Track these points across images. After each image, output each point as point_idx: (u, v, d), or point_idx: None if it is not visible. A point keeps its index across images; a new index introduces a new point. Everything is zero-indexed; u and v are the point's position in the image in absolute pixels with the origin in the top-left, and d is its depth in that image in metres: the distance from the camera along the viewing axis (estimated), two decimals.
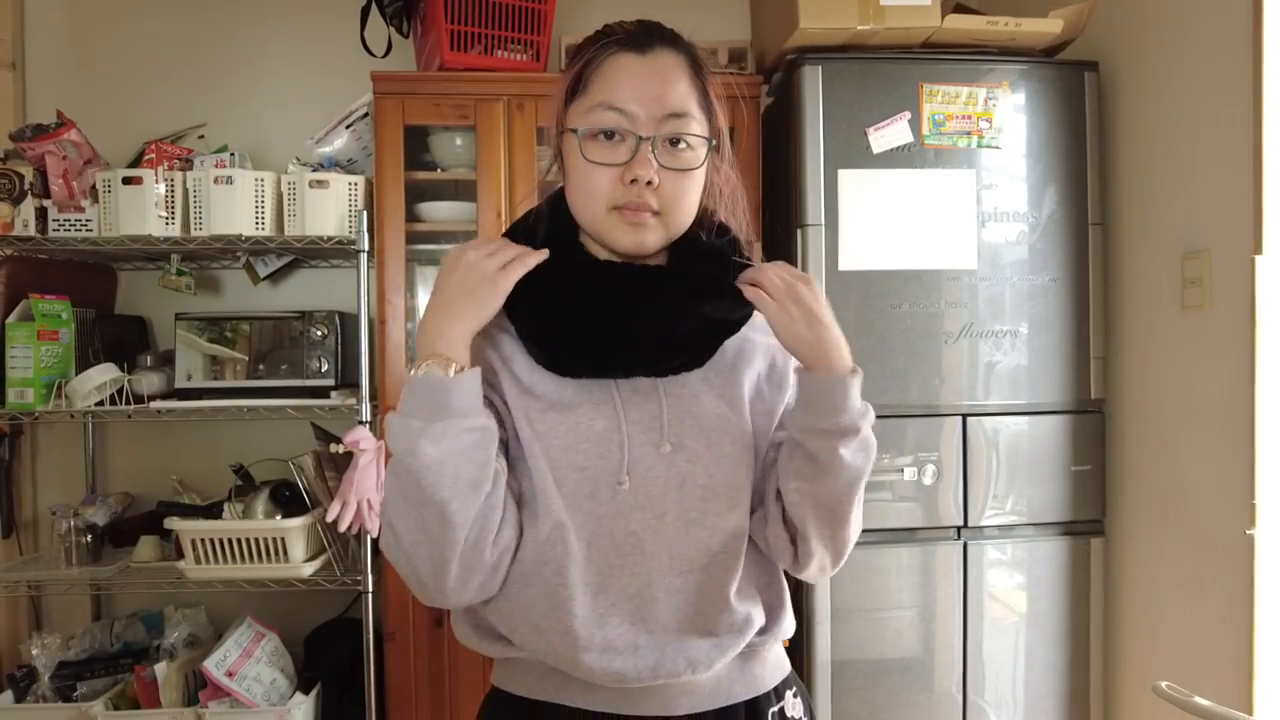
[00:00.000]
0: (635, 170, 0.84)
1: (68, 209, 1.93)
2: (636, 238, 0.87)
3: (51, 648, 1.95)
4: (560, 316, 0.86)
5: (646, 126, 0.84)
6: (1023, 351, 1.87)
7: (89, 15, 2.34)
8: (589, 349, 0.86)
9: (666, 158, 0.85)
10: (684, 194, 0.87)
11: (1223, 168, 1.62)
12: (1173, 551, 1.76)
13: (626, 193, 0.85)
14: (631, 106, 0.84)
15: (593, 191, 0.86)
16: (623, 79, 0.85)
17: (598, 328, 0.85)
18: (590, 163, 0.85)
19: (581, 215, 0.89)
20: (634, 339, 0.86)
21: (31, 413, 1.93)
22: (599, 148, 0.85)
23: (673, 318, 0.86)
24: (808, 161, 1.81)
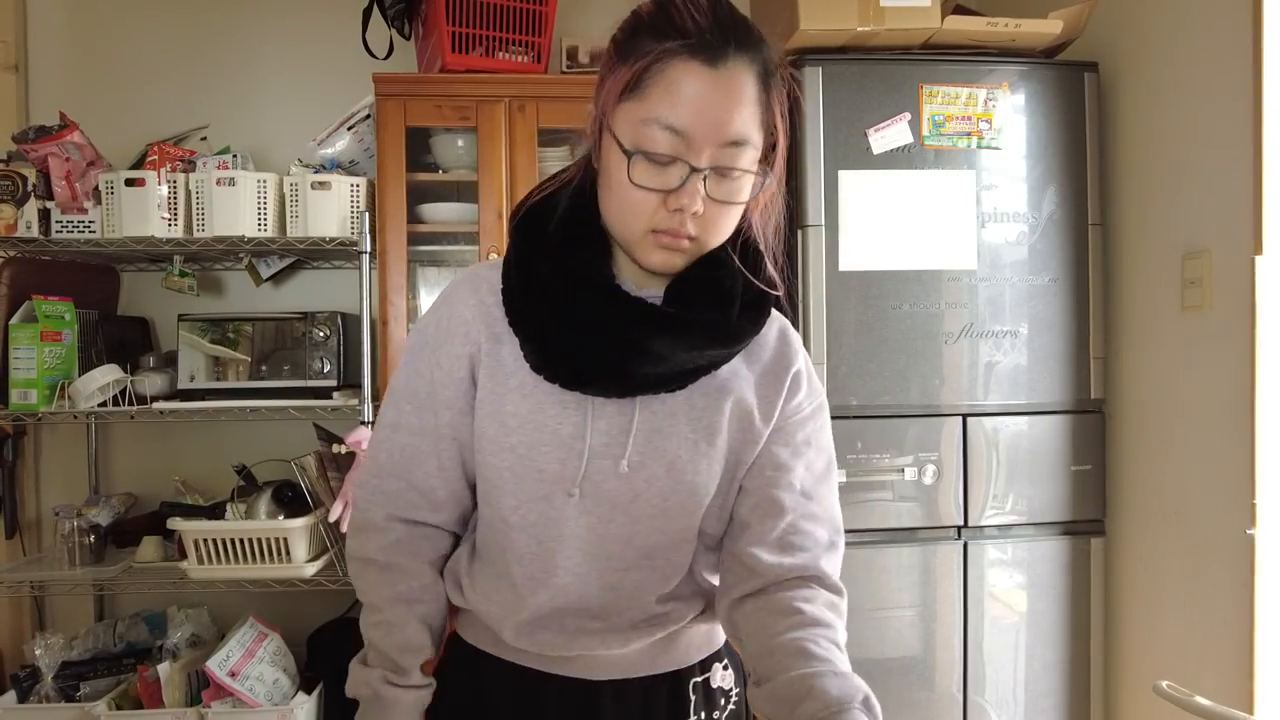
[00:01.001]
0: (681, 201, 0.78)
1: (71, 210, 1.94)
2: (669, 261, 0.83)
3: (54, 648, 1.95)
4: (557, 333, 0.84)
5: (702, 154, 0.77)
6: (1023, 352, 1.87)
7: (91, 17, 2.35)
8: (578, 368, 0.84)
9: (715, 188, 0.79)
10: (724, 223, 0.83)
11: (1222, 168, 1.62)
12: (1173, 551, 1.76)
13: (668, 219, 0.80)
14: (692, 131, 0.76)
15: (633, 212, 0.81)
16: (687, 97, 0.76)
17: (594, 355, 0.83)
18: (635, 185, 0.79)
19: (615, 227, 0.84)
20: (626, 371, 0.83)
21: (35, 413, 1.93)
22: (647, 170, 0.78)
23: (671, 364, 0.84)
24: (808, 162, 1.81)
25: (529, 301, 0.85)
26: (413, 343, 0.93)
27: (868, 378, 1.81)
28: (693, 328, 0.84)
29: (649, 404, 0.86)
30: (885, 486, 1.85)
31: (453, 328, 0.88)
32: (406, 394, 0.91)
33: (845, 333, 1.82)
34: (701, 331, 0.84)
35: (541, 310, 0.84)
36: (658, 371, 0.84)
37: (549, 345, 0.84)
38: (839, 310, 1.82)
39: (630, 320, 0.83)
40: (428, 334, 0.91)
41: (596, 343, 0.83)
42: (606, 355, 0.83)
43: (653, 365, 0.83)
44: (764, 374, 0.91)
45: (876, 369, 1.82)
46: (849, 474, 1.82)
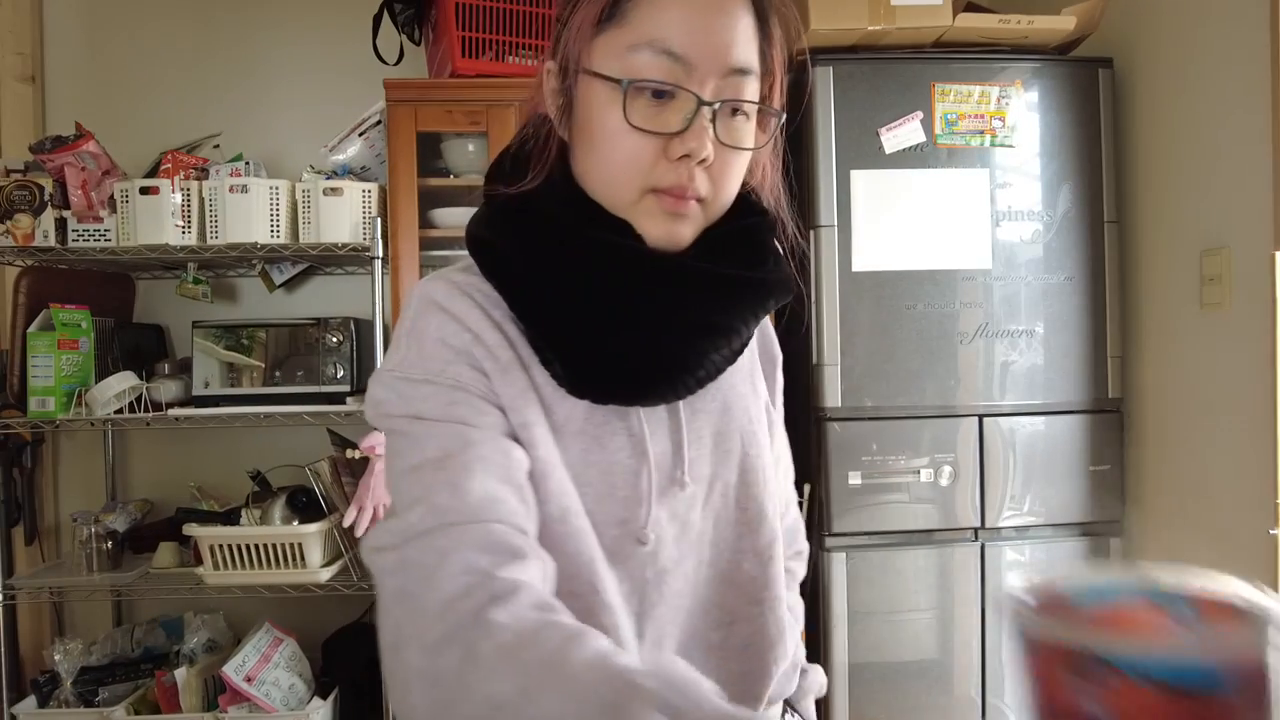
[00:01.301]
0: (690, 144, 0.63)
1: (86, 219, 1.95)
2: (673, 231, 0.66)
3: (73, 653, 1.97)
4: (612, 334, 0.65)
5: (706, 84, 0.63)
6: (1039, 351, 1.86)
7: (107, 29, 2.37)
8: (637, 374, 0.66)
9: (724, 129, 0.65)
10: (734, 176, 0.67)
11: (1241, 163, 1.60)
12: (1194, 551, 1.74)
13: (673, 172, 0.64)
14: (691, 54, 0.62)
15: (628, 167, 0.64)
16: (681, 15, 0.62)
17: (661, 351, 0.67)
18: (633, 128, 0.63)
19: (602, 191, 0.66)
20: (695, 363, 0.68)
21: (53, 421, 1.95)
22: (645, 109, 0.63)
23: (741, 340, 0.71)
24: (820, 162, 1.80)
25: (562, 304, 0.66)
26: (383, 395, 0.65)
27: (882, 379, 1.80)
28: (757, 287, 0.69)
29: (692, 401, 0.71)
30: (901, 488, 1.83)
31: (460, 336, 0.65)
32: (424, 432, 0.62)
33: (859, 334, 1.81)
34: (766, 289, 0.70)
35: (584, 310, 0.65)
36: (721, 355, 0.69)
37: (601, 353, 0.66)
38: (852, 311, 1.81)
39: (695, 293, 0.66)
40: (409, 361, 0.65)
41: (665, 333, 0.66)
42: (675, 346, 0.66)
43: (726, 345, 0.69)
44: (755, 352, 0.81)
45: (891, 370, 1.81)
46: (864, 476, 1.80)
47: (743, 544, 0.73)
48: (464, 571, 0.55)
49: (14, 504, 2.14)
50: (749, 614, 0.73)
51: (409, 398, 0.64)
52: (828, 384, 1.79)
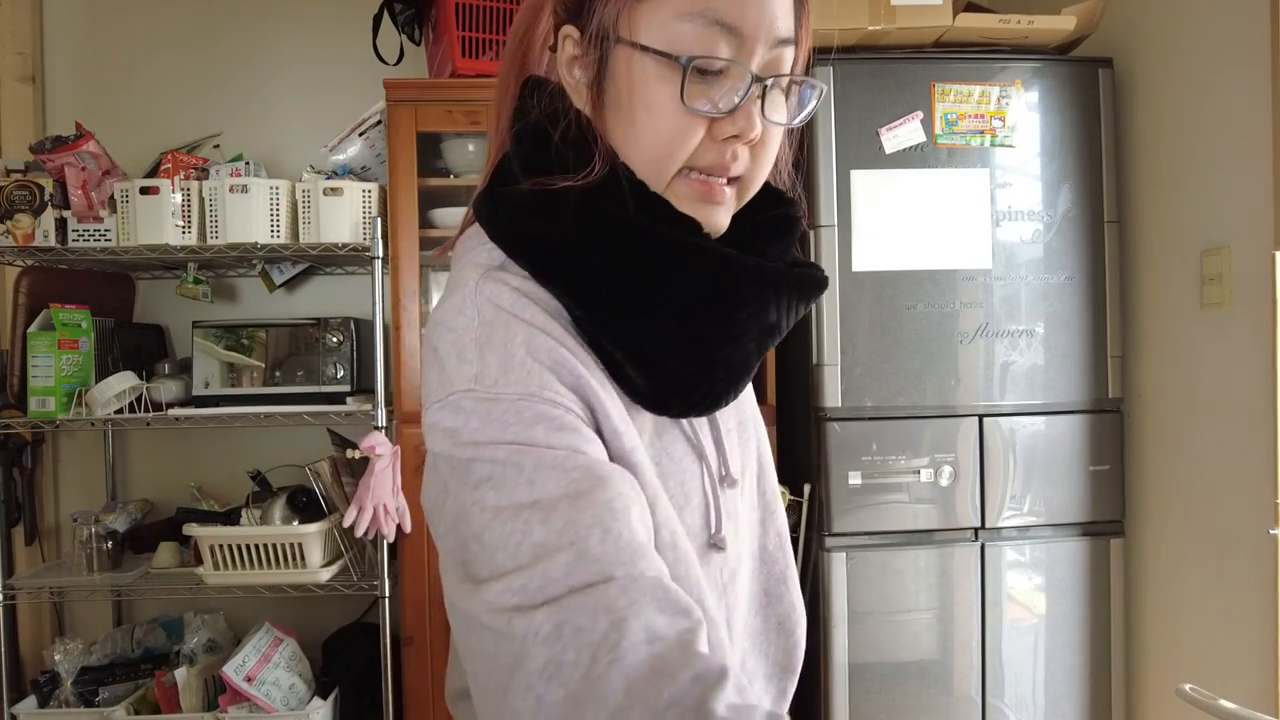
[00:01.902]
0: (740, 124, 0.58)
1: (87, 219, 1.95)
2: (709, 218, 0.61)
3: (74, 653, 1.97)
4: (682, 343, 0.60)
5: (755, 57, 0.59)
6: (1039, 351, 1.86)
7: (107, 29, 2.37)
8: (715, 384, 0.61)
9: (770, 106, 0.60)
10: (771, 153, 0.63)
11: (1241, 163, 1.60)
12: (1194, 552, 1.74)
13: (715, 152, 0.59)
14: (744, 24, 0.57)
15: (673, 145, 0.59)
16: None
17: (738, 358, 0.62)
18: (686, 109, 0.57)
19: (641, 167, 0.61)
20: (749, 367, 0.64)
21: (53, 421, 1.95)
22: (696, 85, 0.58)
23: (779, 335, 0.65)
24: (820, 162, 1.80)
25: (647, 312, 0.59)
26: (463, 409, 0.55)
27: (882, 379, 1.80)
28: (812, 285, 0.65)
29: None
30: (901, 488, 1.83)
31: (552, 352, 0.57)
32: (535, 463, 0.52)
33: (859, 334, 1.81)
34: (817, 287, 0.66)
35: (671, 318, 0.59)
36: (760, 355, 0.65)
37: (684, 365, 0.60)
38: (853, 311, 1.81)
39: (778, 295, 0.62)
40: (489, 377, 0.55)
41: (745, 339, 0.62)
42: (748, 351, 0.62)
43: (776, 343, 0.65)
44: None
45: (891, 370, 1.81)
46: (864, 476, 1.80)
47: (767, 527, 0.74)
48: (648, 640, 0.45)
49: (14, 504, 2.15)
50: (779, 593, 0.74)
51: (502, 421, 0.53)
52: (828, 384, 1.79)
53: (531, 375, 0.55)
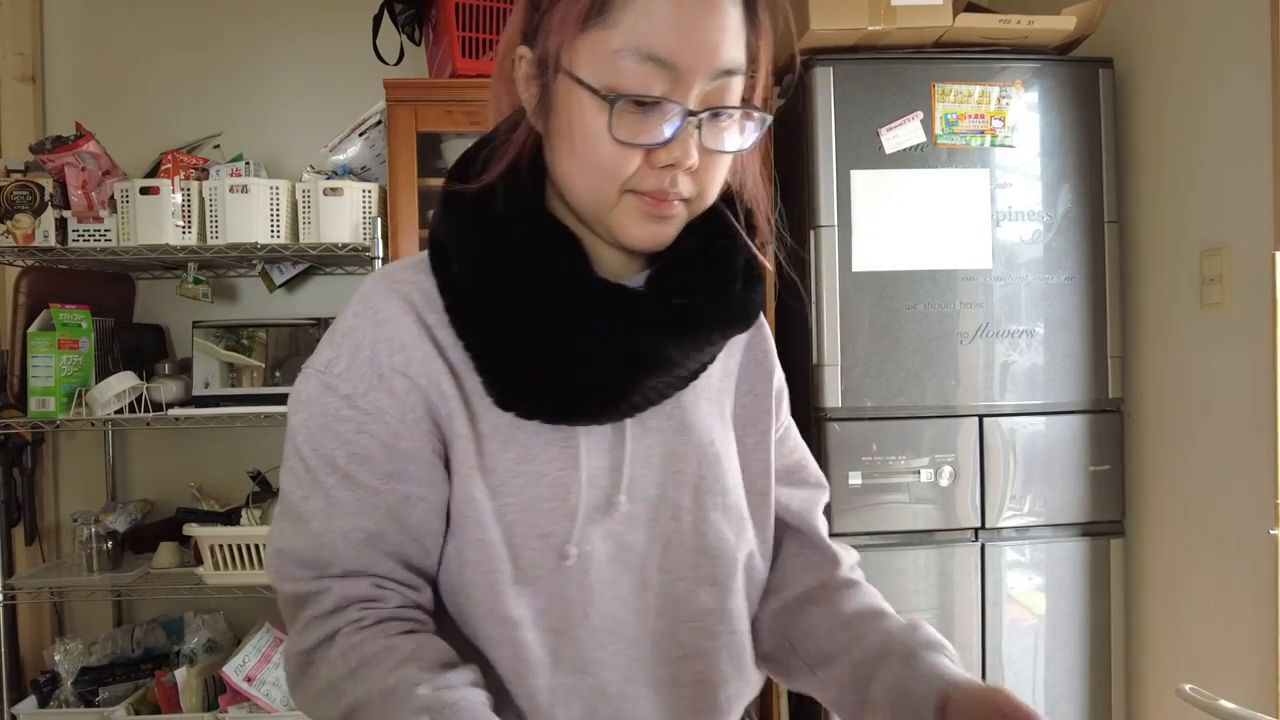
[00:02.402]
0: (675, 154, 0.61)
1: (87, 219, 1.95)
2: (657, 233, 0.65)
3: (74, 653, 1.97)
4: (544, 356, 0.65)
5: (690, 91, 0.61)
6: (1039, 351, 1.86)
7: (107, 29, 2.37)
8: (569, 395, 0.65)
9: (710, 135, 0.63)
10: (718, 176, 0.66)
11: (1241, 163, 1.60)
12: (1195, 552, 1.74)
13: (654, 178, 0.62)
14: (679, 59, 0.60)
15: (607, 172, 0.62)
16: (668, 13, 0.59)
17: (593, 377, 0.65)
18: (617, 142, 0.61)
19: (580, 191, 0.65)
20: (628, 390, 0.66)
21: (53, 421, 1.95)
22: (630, 117, 0.60)
23: (683, 370, 0.68)
24: (820, 163, 1.80)
25: (495, 318, 0.65)
26: (308, 390, 0.66)
27: (882, 379, 1.80)
28: (709, 322, 0.67)
29: (643, 418, 0.69)
30: (901, 489, 1.83)
31: (391, 356, 0.65)
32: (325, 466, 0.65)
33: (859, 334, 1.81)
34: (719, 322, 0.68)
35: (515, 328, 0.65)
36: (664, 381, 0.67)
37: (529, 372, 0.65)
38: (852, 311, 1.81)
39: (636, 324, 0.65)
40: (335, 370, 0.65)
41: (598, 361, 0.64)
42: (607, 375, 0.65)
43: (663, 375, 0.67)
44: (745, 361, 0.78)
45: (891, 370, 1.81)
46: (864, 476, 1.80)
47: (699, 572, 0.70)
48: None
49: (14, 504, 2.14)
50: (702, 648, 0.70)
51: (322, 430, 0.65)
52: (828, 384, 1.79)
53: (363, 380, 0.64)
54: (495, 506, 0.65)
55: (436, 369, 0.65)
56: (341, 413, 0.65)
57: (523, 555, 0.65)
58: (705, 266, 0.68)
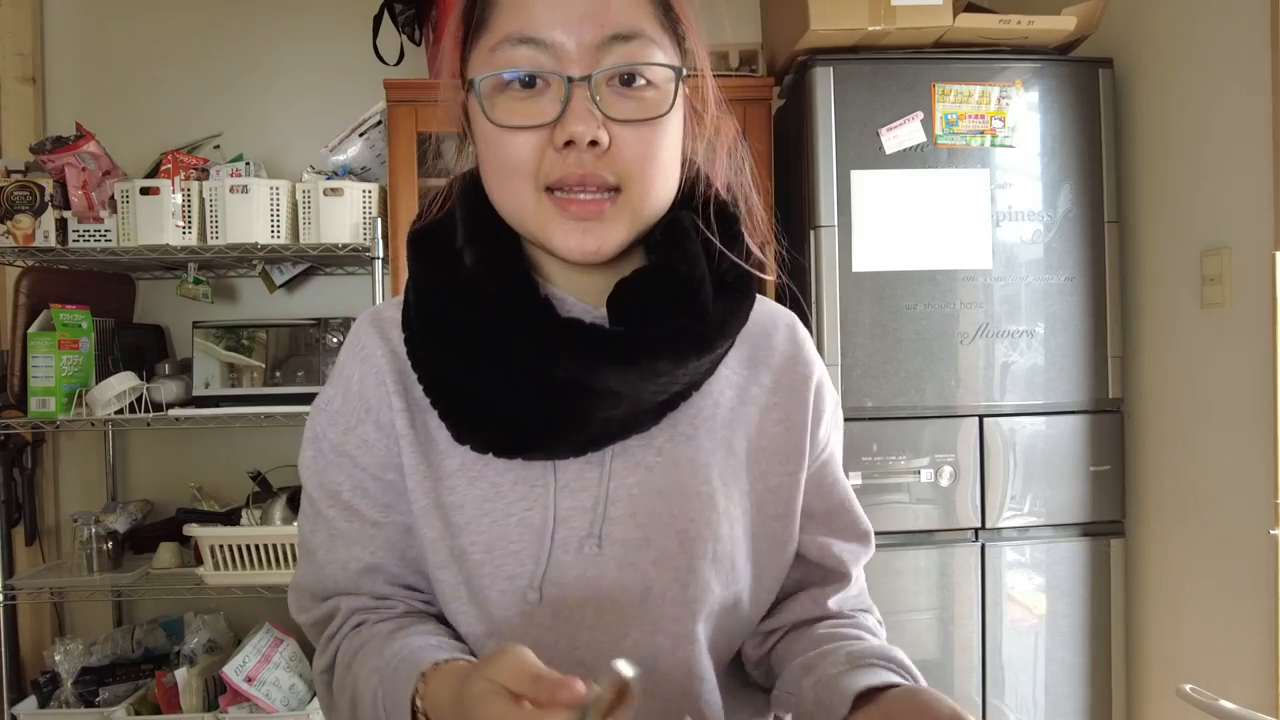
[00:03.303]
0: (569, 127, 0.57)
1: (87, 220, 1.95)
2: (585, 242, 0.59)
3: (74, 654, 1.97)
4: (470, 386, 0.62)
5: (580, 62, 0.57)
6: (1039, 351, 1.86)
7: (107, 30, 2.37)
8: (510, 429, 0.63)
9: (616, 103, 0.58)
10: (653, 155, 0.60)
11: (1241, 163, 1.60)
12: (1195, 552, 1.74)
13: (559, 163, 0.58)
14: (554, 34, 0.57)
15: (510, 168, 0.59)
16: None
17: (527, 409, 0.62)
18: (500, 128, 0.58)
19: (505, 208, 0.62)
20: (576, 422, 0.62)
21: (53, 421, 1.95)
22: (512, 103, 0.58)
23: (636, 400, 0.63)
24: (820, 163, 1.80)
25: (433, 347, 0.64)
26: (316, 426, 0.68)
27: (883, 379, 1.80)
28: (652, 347, 0.61)
29: (630, 453, 0.64)
30: (901, 489, 1.83)
31: (364, 388, 0.66)
32: (328, 499, 0.67)
33: (859, 334, 1.81)
34: (666, 348, 0.61)
35: (448, 357, 0.63)
36: (619, 413, 0.62)
37: (464, 403, 0.63)
38: (853, 311, 1.81)
39: (563, 351, 0.60)
40: (334, 406, 0.67)
41: (526, 392, 0.61)
42: (542, 407, 0.61)
43: (610, 407, 0.62)
44: (777, 387, 0.70)
45: (892, 370, 1.81)
46: (864, 476, 1.80)
47: (680, 627, 0.64)
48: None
49: (14, 504, 2.14)
50: (679, 707, 0.65)
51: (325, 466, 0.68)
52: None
53: (354, 414, 0.67)
54: (457, 546, 0.63)
55: (395, 397, 0.65)
56: (340, 447, 0.66)
57: (488, 597, 0.62)
58: (657, 286, 0.63)
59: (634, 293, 0.63)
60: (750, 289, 0.67)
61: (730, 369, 0.69)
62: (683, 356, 0.62)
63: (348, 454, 0.66)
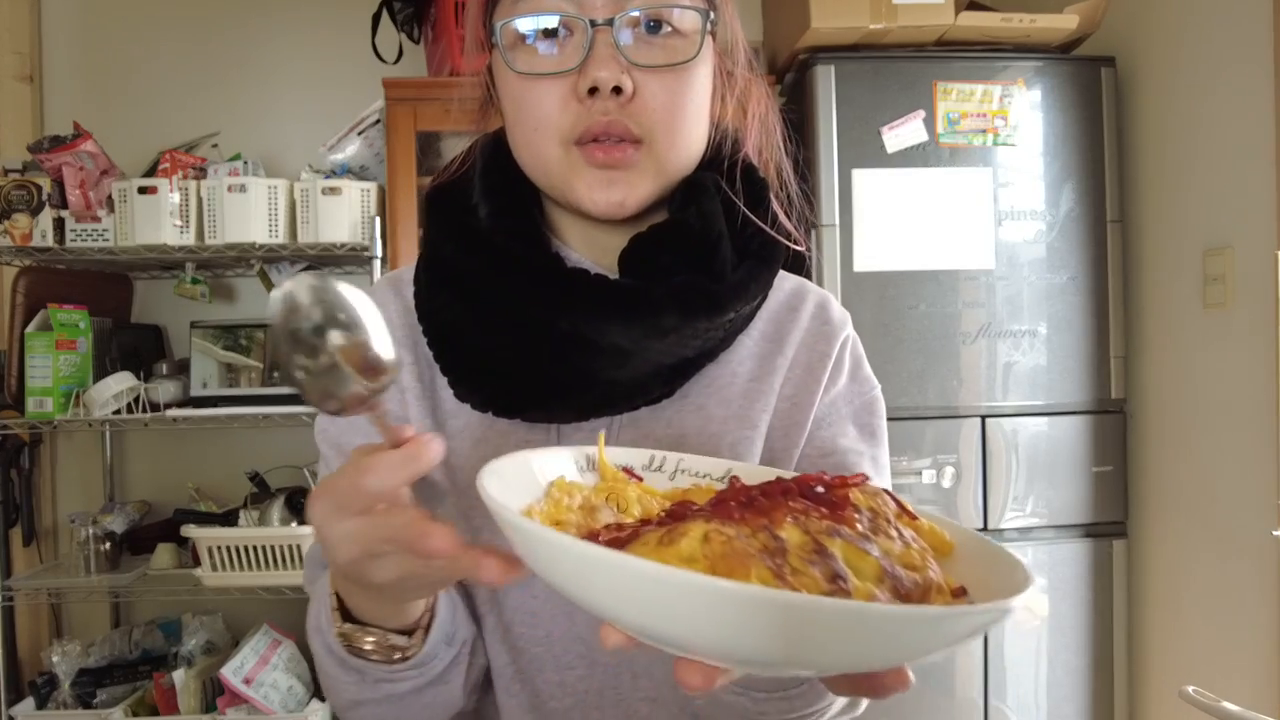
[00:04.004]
0: (592, 73, 0.55)
1: (85, 219, 1.94)
2: (610, 194, 0.58)
3: (72, 655, 1.96)
4: (470, 335, 0.61)
5: (604, 7, 0.56)
6: (1041, 351, 1.85)
7: (105, 29, 2.36)
8: (507, 383, 0.60)
9: (642, 50, 0.57)
10: (679, 105, 0.58)
11: (1244, 162, 1.59)
12: (1197, 553, 1.73)
13: (584, 114, 0.56)
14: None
15: (534, 121, 0.57)
16: None
17: (527, 362, 0.60)
18: (523, 76, 0.57)
19: (528, 163, 0.61)
20: (578, 380, 0.60)
21: (51, 422, 1.94)
22: (534, 54, 0.57)
23: (640, 360, 0.60)
24: (821, 162, 1.80)
25: (437, 297, 0.63)
26: None
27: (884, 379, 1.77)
28: (658, 301, 0.58)
29: (639, 424, 0.62)
30: (904, 489, 1.82)
31: None
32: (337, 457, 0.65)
33: (861, 334, 1.79)
34: (673, 303, 0.58)
35: (452, 306, 0.62)
36: (624, 375, 0.59)
37: (464, 355, 0.61)
38: (854, 311, 1.77)
39: (565, 302, 0.58)
40: None
41: (526, 345, 0.59)
42: (543, 362, 0.59)
43: (614, 366, 0.59)
44: (794, 362, 0.67)
45: (894, 370, 1.80)
46: None
47: None
48: None
49: (12, 505, 2.14)
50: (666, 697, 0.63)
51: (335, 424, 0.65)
52: None
53: None
54: (461, 505, 0.61)
55: (402, 358, 0.63)
56: None
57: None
58: (669, 235, 0.61)
59: (644, 245, 0.61)
60: (774, 257, 0.65)
61: (753, 340, 0.67)
62: (691, 314, 0.59)
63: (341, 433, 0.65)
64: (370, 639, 0.52)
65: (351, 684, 0.55)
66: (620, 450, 0.52)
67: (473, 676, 0.61)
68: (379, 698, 0.55)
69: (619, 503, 0.48)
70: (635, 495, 0.49)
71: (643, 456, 0.53)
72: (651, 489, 0.51)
